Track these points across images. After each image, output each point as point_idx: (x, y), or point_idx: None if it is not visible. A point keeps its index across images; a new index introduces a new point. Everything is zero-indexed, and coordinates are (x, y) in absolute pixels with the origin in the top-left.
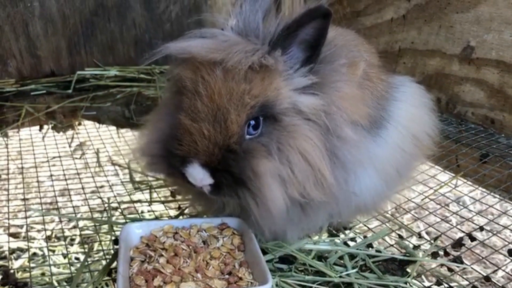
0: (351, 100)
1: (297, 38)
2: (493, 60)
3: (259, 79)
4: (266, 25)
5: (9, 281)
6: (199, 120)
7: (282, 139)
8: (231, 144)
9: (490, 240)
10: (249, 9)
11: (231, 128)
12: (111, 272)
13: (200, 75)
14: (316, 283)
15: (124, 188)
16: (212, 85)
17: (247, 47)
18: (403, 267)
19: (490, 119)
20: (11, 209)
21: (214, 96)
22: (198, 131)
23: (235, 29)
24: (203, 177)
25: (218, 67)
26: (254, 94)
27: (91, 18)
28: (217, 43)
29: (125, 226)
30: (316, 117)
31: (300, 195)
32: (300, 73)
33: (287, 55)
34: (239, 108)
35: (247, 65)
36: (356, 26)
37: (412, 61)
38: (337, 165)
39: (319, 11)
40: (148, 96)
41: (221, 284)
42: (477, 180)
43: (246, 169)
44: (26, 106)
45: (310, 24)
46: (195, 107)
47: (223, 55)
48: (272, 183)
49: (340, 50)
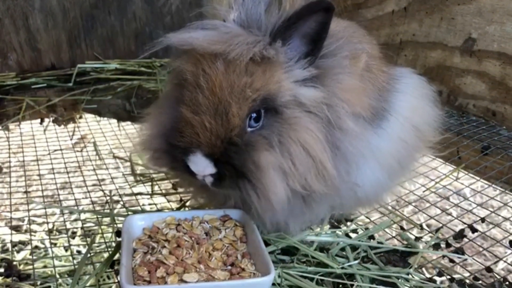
0: (353, 92)
1: (298, 30)
2: (494, 52)
3: (260, 71)
4: (268, 17)
5: (12, 272)
6: (200, 112)
7: (283, 131)
8: (233, 136)
9: (490, 232)
10: (251, 1)
11: (232, 121)
12: (113, 264)
13: (201, 67)
14: (318, 274)
15: (126, 181)
16: (213, 78)
17: (249, 38)
18: (405, 259)
19: (491, 111)
20: (13, 202)
21: (215, 89)
22: (199, 123)
23: (237, 21)
24: (206, 165)
25: (219, 59)
26: (255, 87)
27: (91, 11)
28: (219, 35)
29: (127, 218)
30: (318, 109)
31: (302, 187)
32: (301, 65)
33: (287, 47)
34: (241, 101)
35: (248, 57)
36: (357, 19)
37: (414, 54)
38: (338, 157)
39: (321, 4)
40: (149, 89)
41: (224, 275)
42: (478, 172)
43: (247, 162)
44: (27, 100)
45: (312, 17)
46: (196, 100)
47: (224, 47)
48: (274, 175)
49: (343, 43)
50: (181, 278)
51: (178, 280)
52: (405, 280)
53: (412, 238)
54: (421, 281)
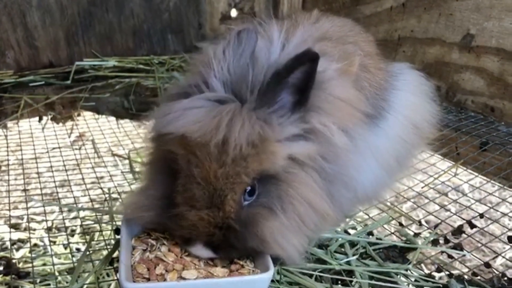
0: (343, 108)
1: (288, 83)
2: (493, 48)
3: (254, 152)
4: (254, 72)
5: (11, 270)
6: (196, 206)
7: (282, 193)
8: (230, 222)
9: (489, 228)
10: (232, 55)
11: (228, 209)
12: (112, 262)
13: (193, 152)
14: (317, 270)
15: (125, 179)
16: (207, 166)
17: (239, 120)
18: (404, 255)
19: (490, 107)
20: (12, 201)
21: (209, 179)
22: (197, 217)
23: (220, 78)
24: (207, 254)
25: (211, 145)
26: (250, 170)
27: (89, 9)
28: (208, 122)
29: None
30: (311, 161)
31: (310, 236)
32: (292, 120)
33: (277, 103)
34: (236, 188)
35: (243, 144)
36: (355, 15)
37: (412, 50)
38: (337, 188)
39: (308, 55)
40: (147, 86)
41: (223, 272)
42: (477, 168)
43: (250, 241)
44: (25, 97)
45: (299, 69)
46: (191, 191)
47: (218, 137)
48: (282, 240)
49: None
50: (180, 275)
51: (177, 277)
52: (404, 276)
53: (410, 234)
54: (420, 277)
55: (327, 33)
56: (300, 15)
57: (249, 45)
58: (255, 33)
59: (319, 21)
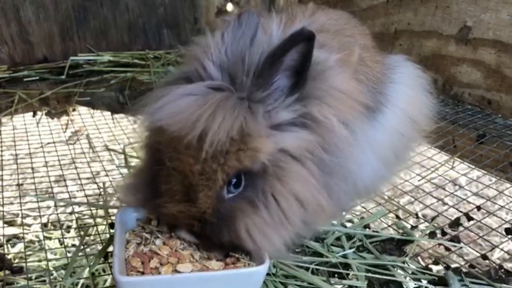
0: (343, 100)
1: (283, 65)
2: (490, 40)
3: (234, 149)
4: (251, 54)
5: (4, 265)
6: (175, 200)
7: (267, 188)
8: (207, 216)
9: (486, 221)
10: (232, 37)
11: (202, 205)
12: (107, 257)
13: (171, 145)
14: (313, 263)
15: (120, 174)
16: (184, 161)
17: (221, 113)
18: (401, 247)
19: (487, 99)
20: (7, 196)
21: (186, 173)
22: (176, 209)
23: (216, 62)
24: (190, 238)
25: (188, 139)
26: (227, 168)
27: (83, 3)
28: (188, 115)
29: (121, 209)
30: (310, 152)
31: (297, 233)
32: (286, 104)
33: (273, 86)
34: (210, 184)
35: (225, 140)
36: (351, 8)
37: (409, 43)
38: (336, 181)
39: (303, 34)
40: (142, 81)
41: (218, 265)
42: (474, 161)
43: (226, 235)
44: (19, 93)
45: (294, 49)
46: (171, 184)
47: (194, 133)
48: (259, 237)
49: (330, 53)
50: (175, 268)
51: (172, 270)
52: (400, 268)
53: (407, 227)
54: (417, 269)
55: (324, 26)
56: (296, 8)
57: (250, 28)
58: (257, 15)
59: (315, 14)
